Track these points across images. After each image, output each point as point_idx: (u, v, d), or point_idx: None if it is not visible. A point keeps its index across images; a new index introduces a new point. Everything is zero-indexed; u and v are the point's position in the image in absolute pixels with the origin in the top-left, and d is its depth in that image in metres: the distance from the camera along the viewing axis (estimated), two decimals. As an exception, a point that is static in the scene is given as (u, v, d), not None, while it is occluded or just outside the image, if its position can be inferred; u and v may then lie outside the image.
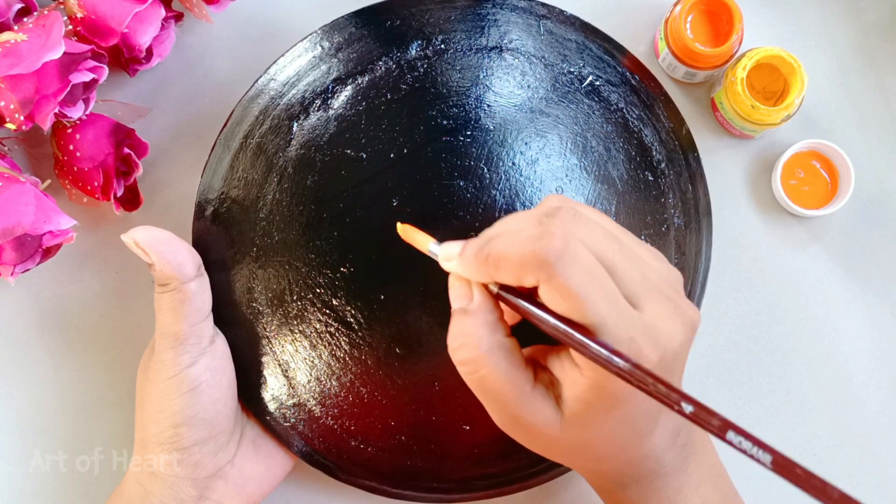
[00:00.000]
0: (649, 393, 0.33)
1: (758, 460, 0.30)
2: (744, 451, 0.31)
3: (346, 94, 0.47)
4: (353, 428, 0.47)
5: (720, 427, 0.31)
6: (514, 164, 0.47)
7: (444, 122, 0.47)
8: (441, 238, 0.46)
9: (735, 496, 0.42)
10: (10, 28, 0.45)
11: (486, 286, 0.38)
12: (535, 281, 0.35)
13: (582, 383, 0.35)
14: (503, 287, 0.37)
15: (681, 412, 0.32)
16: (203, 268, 0.45)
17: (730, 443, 0.31)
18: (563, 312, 0.35)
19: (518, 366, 0.37)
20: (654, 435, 0.39)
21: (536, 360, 0.39)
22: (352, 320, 0.46)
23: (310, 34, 0.48)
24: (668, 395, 0.32)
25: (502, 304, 0.38)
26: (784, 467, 0.30)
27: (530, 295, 0.37)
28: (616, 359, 0.33)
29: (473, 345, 0.36)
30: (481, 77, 0.48)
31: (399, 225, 0.42)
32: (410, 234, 0.41)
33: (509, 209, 0.46)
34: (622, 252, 0.36)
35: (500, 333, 0.37)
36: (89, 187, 0.48)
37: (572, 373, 0.36)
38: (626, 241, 0.37)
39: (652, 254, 0.38)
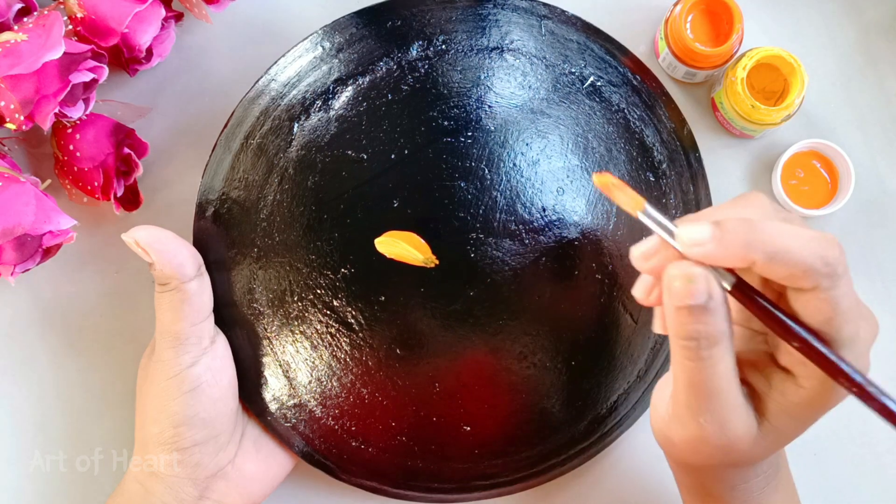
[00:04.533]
0: (877, 408, 0.32)
1: None
2: None
3: (346, 94, 0.47)
4: (353, 428, 0.47)
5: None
6: (515, 164, 0.47)
7: (445, 122, 0.47)
8: (442, 238, 0.46)
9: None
10: (10, 28, 0.45)
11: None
12: (810, 285, 0.33)
13: (802, 395, 0.34)
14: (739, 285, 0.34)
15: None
16: (203, 267, 0.45)
17: None
18: (818, 325, 0.33)
19: (736, 369, 0.35)
20: None
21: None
22: (352, 321, 0.46)
23: (310, 34, 0.48)
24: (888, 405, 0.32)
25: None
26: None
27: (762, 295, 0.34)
28: (858, 376, 0.32)
29: (716, 339, 0.33)
30: (482, 78, 0.48)
31: (597, 177, 0.36)
32: (619, 194, 0.35)
33: (510, 210, 0.46)
34: None
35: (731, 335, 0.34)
36: (89, 187, 0.48)
37: (785, 385, 0.35)
38: None
39: None
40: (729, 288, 0.33)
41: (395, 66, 0.48)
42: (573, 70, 0.49)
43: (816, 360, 0.33)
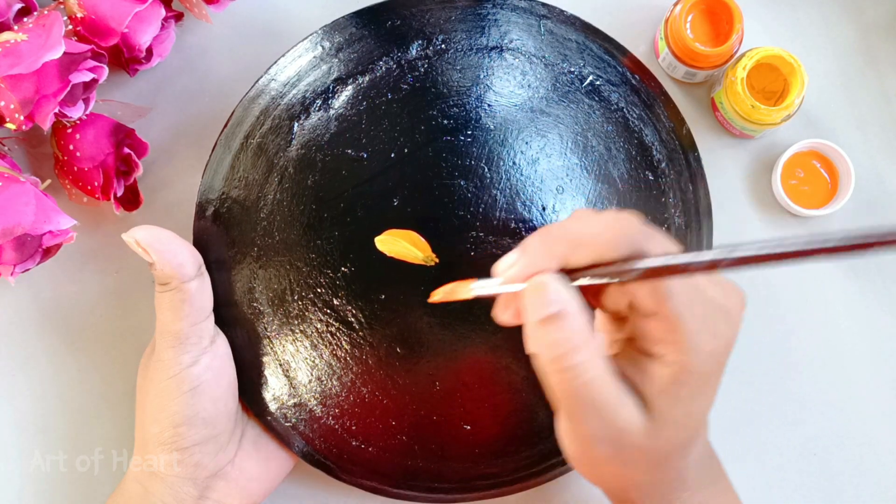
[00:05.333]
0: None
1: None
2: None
3: (346, 93, 0.47)
4: (353, 428, 0.47)
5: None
6: (514, 163, 0.47)
7: (445, 121, 0.47)
8: (442, 237, 0.46)
9: None
10: (10, 28, 0.45)
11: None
12: (629, 251, 0.34)
13: (667, 373, 0.35)
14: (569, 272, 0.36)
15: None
16: (204, 267, 0.45)
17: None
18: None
19: (610, 367, 0.36)
20: (702, 435, 0.39)
21: None
22: (353, 320, 0.46)
23: (310, 34, 0.48)
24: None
25: None
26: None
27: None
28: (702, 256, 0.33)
29: (581, 347, 0.34)
30: (482, 77, 0.48)
31: (433, 297, 0.41)
32: (454, 292, 0.40)
33: (510, 208, 0.46)
34: None
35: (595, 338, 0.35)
36: (89, 187, 0.48)
37: (653, 367, 0.36)
38: None
39: None
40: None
41: (394, 66, 0.48)
42: (572, 69, 0.49)
43: (667, 273, 0.34)
